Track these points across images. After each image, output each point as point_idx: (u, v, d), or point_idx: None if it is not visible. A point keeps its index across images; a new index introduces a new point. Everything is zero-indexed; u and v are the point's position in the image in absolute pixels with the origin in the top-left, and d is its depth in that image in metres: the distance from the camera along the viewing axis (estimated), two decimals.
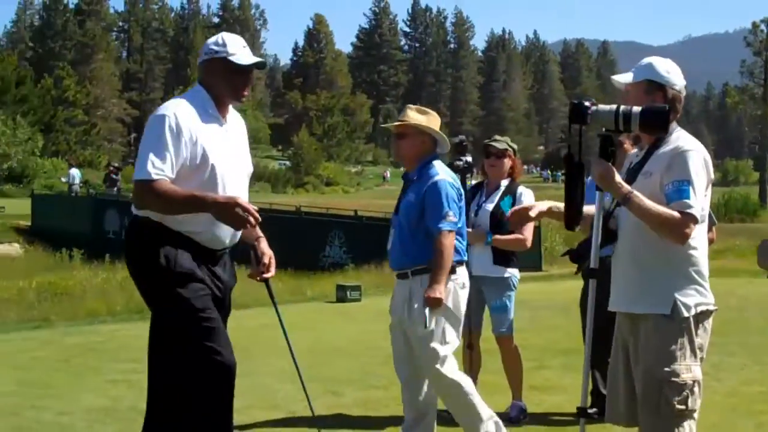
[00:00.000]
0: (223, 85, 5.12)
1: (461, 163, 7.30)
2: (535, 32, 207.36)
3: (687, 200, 4.35)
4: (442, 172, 6.13)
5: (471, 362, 7.47)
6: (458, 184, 6.28)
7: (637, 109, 4.38)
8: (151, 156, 4.77)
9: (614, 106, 4.44)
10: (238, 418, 7.59)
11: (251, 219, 4.75)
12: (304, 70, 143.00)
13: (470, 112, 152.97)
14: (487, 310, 7.57)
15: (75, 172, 48.22)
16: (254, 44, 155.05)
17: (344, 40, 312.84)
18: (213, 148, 4.95)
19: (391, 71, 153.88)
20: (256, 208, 4.81)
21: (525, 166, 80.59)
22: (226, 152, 5.05)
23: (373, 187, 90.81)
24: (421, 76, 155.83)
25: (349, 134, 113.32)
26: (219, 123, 5.09)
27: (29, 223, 34.50)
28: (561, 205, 4.76)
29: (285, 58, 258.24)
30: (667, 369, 4.42)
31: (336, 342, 11.08)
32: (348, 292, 16.59)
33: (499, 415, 6.19)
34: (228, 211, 4.73)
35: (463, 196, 6.36)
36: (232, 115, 5.26)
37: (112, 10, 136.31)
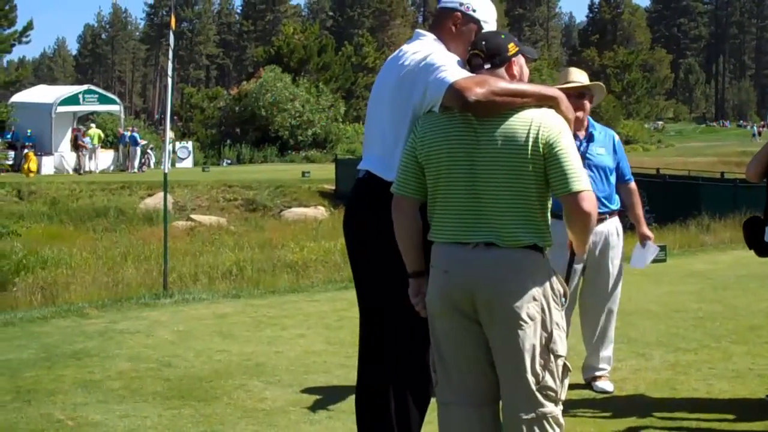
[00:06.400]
0: (461, 50, 4.38)
1: None
2: None
3: None
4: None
5: None
6: None
7: None
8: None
9: None
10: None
11: None
12: (601, 27, 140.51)
13: None
14: None
15: None
16: (549, 3, 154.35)
17: None
18: None
19: (691, 24, 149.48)
20: None
21: None
22: None
23: (674, 144, 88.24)
24: (724, 28, 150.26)
25: (649, 90, 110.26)
26: None
27: (333, 187, 35.54)
28: None
29: (580, 16, 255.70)
30: None
31: (643, 303, 10.71)
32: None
33: None
34: None
35: None
36: None
37: None
